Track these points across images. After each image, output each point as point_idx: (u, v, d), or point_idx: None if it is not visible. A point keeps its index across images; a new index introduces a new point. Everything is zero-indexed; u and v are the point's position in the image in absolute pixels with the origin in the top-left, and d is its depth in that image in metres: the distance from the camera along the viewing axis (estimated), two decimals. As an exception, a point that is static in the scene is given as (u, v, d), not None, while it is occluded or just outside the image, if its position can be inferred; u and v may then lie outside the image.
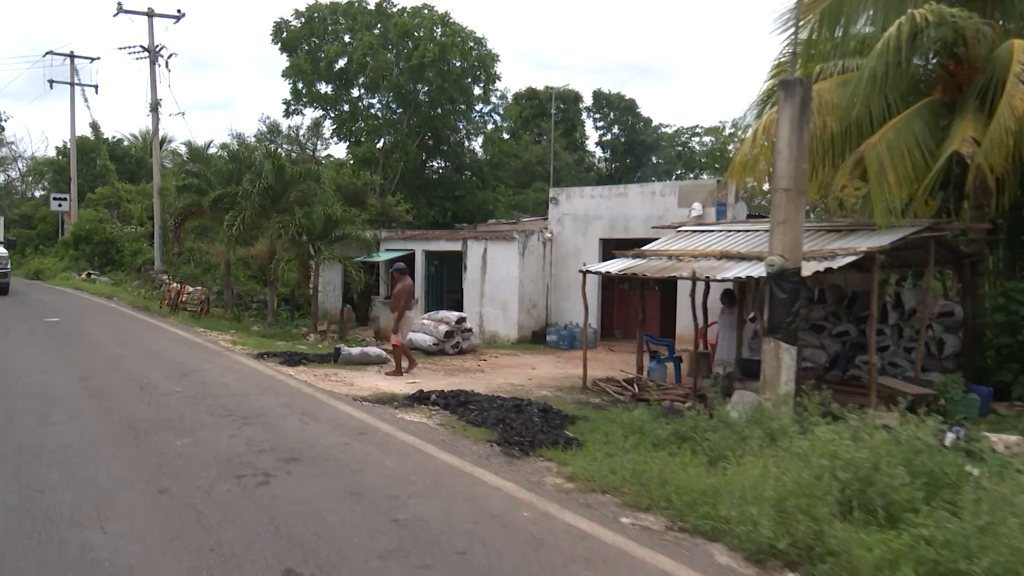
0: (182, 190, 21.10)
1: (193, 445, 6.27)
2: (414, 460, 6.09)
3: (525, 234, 16.66)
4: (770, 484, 4.71)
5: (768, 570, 4.15)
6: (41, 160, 42.84)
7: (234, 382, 9.49)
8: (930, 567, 3.81)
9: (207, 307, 19.09)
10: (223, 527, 4.44)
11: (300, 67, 34.75)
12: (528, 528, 4.61)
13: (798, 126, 7.72)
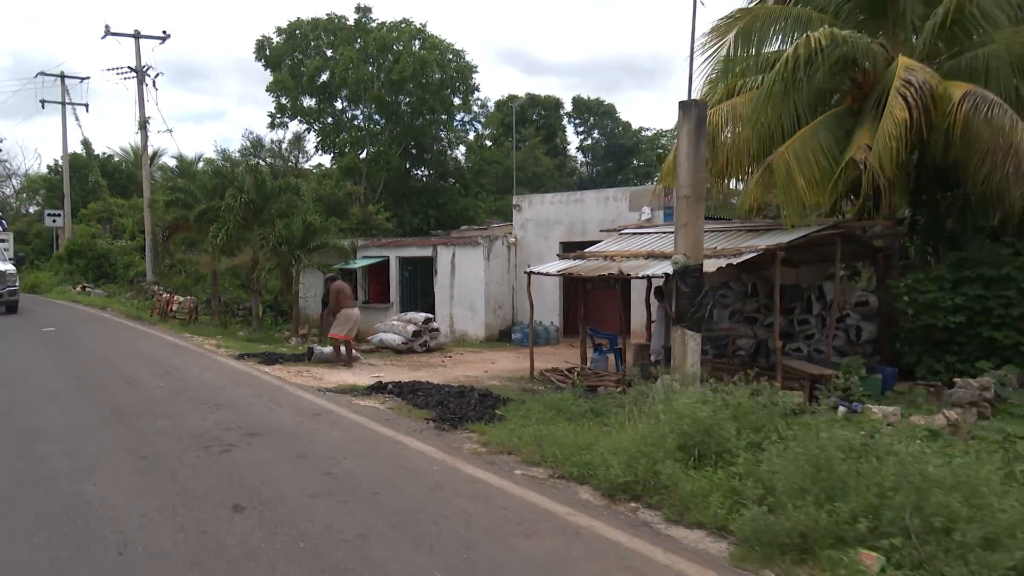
0: (169, 204, 22.23)
1: (171, 426, 7.41)
2: (356, 433, 7.25)
3: (490, 239, 17.83)
4: (630, 439, 5.86)
5: (617, 502, 5.29)
6: (35, 177, 43.97)
7: (212, 378, 10.64)
8: (733, 495, 4.94)
9: (196, 315, 20.21)
10: (189, 480, 5.58)
11: (283, 82, 35.85)
12: (434, 477, 5.76)
13: (695, 141, 8.88)
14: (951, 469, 4.57)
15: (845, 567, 4.09)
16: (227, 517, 4.79)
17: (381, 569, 4.02)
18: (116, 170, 39.65)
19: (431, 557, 4.20)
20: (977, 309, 10.55)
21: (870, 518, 4.38)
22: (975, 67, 11.16)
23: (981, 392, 9.60)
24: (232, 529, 4.57)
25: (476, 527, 4.68)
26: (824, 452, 4.71)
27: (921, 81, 9.82)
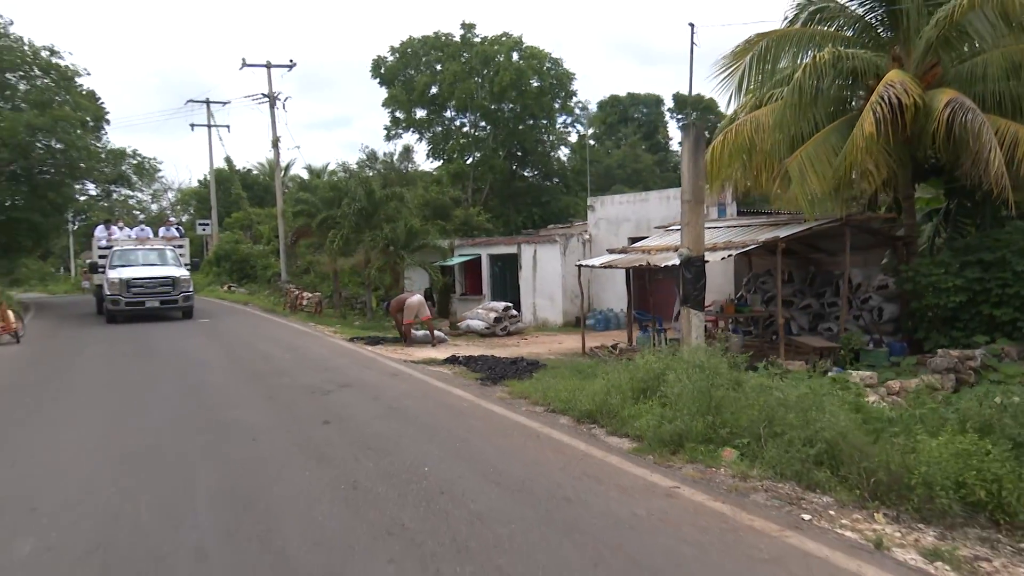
0: (296, 214, 25.80)
1: (290, 381, 10.25)
2: (418, 386, 9.83)
3: (566, 237, 20.13)
4: (602, 385, 8.08)
5: (581, 424, 7.56)
6: (187, 191, 49.78)
7: (325, 353, 13.57)
8: (664, 420, 7.07)
9: (321, 308, 23.58)
10: (298, 409, 8.31)
11: (397, 97, 39.34)
12: (461, 409, 8.23)
13: (694, 156, 10.88)
14: (798, 399, 6.56)
15: (703, 455, 6.21)
16: (319, 427, 7.43)
17: (402, 450, 6.50)
18: (255, 182, 44.56)
19: (435, 445, 6.66)
20: (977, 290, 11.95)
21: (732, 428, 6.47)
22: (974, 72, 12.46)
23: (964, 362, 11.12)
24: (320, 432, 7.21)
25: (473, 433, 7.12)
26: (707, 384, 6.81)
27: (895, 95, 11.28)
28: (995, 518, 5.09)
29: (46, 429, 7.77)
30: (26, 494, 5.47)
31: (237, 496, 5.28)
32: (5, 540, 4.55)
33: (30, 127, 24.70)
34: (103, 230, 24.91)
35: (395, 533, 4.46)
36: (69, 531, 4.67)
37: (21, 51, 26.60)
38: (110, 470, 6.09)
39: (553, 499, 5.07)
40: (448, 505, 4.95)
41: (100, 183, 30.79)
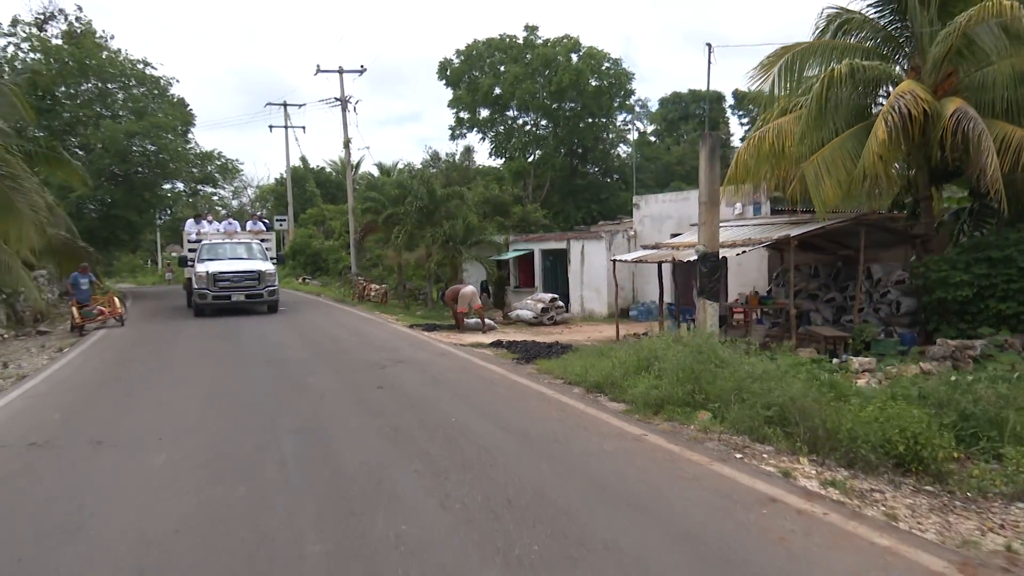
0: (364, 211, 27.80)
1: (353, 358, 12.00)
2: (461, 363, 11.44)
3: (611, 234, 21.47)
4: (610, 363, 9.51)
5: (589, 392, 9.01)
6: (265, 188, 52.79)
7: (385, 337, 15.36)
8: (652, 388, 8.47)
9: (386, 298, 25.51)
10: (357, 377, 10.02)
11: (461, 99, 41.15)
12: (492, 380, 9.79)
13: (710, 163, 12.16)
14: (763, 373, 7.87)
15: (679, 415, 7.60)
16: (374, 391, 9.12)
17: (437, 408, 8.09)
18: (327, 180, 47.09)
19: (464, 405, 8.25)
20: (984, 285, 12.87)
21: (708, 395, 7.84)
22: (985, 81, 13.34)
23: (963, 351, 12.12)
24: (374, 394, 8.88)
25: (498, 397, 8.68)
26: (691, 361, 8.19)
27: (905, 105, 12.31)
28: (910, 468, 6.34)
29: (162, 388, 9.71)
30: (154, 429, 7.29)
31: (307, 433, 6.98)
32: (145, 456, 6.33)
33: (128, 133, 27.37)
34: (193, 224, 25.39)
35: (420, 457, 6.05)
36: (187, 451, 6.43)
37: (120, 64, 29.36)
38: (214, 415, 7.90)
39: (545, 440, 6.59)
40: (464, 442, 6.51)
41: (188, 183, 33.49)
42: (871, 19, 15.12)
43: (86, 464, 6.18)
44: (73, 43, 29.30)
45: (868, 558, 4.04)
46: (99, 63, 28.61)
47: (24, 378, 11.28)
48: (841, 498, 5.30)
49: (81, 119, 28.89)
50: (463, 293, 17.43)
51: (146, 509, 5.00)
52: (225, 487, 5.42)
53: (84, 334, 17.51)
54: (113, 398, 9.27)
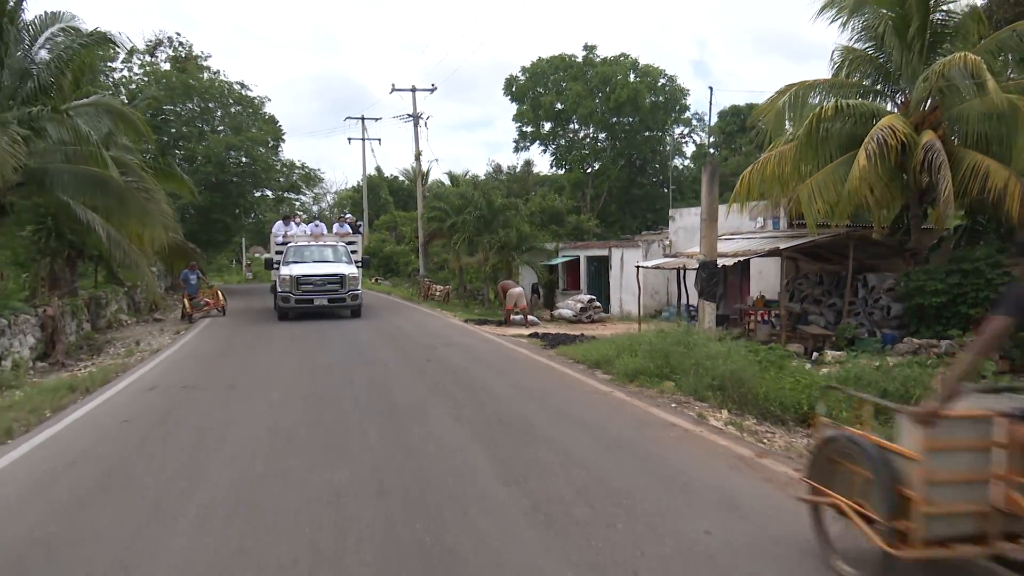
0: (430, 219, 30.87)
1: (413, 342, 14.91)
2: (498, 347, 14.18)
3: (647, 242, 23.90)
4: (613, 347, 12.06)
5: (591, 368, 11.60)
6: (343, 194, 56.76)
7: (441, 328, 18.26)
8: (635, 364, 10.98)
9: (448, 298, 28.48)
10: (414, 354, 12.89)
11: (525, 114, 43.96)
12: (518, 358, 12.50)
13: (710, 186, 14.58)
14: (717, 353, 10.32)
15: (649, 383, 10.12)
16: (424, 362, 11.97)
17: (469, 374, 10.82)
18: (400, 188, 50.59)
19: (491, 372, 10.99)
20: (957, 293, 14.90)
21: (674, 369, 10.33)
22: (962, 116, 15.35)
23: (928, 349, 14.22)
24: (425, 365, 11.72)
25: (518, 368, 11.40)
26: (663, 344, 10.70)
27: (883, 136, 14.44)
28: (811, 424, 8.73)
29: (266, 357, 12.82)
30: (267, 380, 10.34)
31: (373, 384, 9.86)
32: (265, 393, 9.34)
33: (228, 146, 31.18)
34: (281, 226, 25.13)
35: (449, 399, 8.83)
36: (292, 391, 9.39)
37: (219, 85, 33.27)
38: (307, 374, 10.88)
39: (540, 392, 9.27)
40: (482, 393, 9.26)
41: (276, 190, 37.29)
42: (873, 57, 17.20)
43: (226, 396, 9.20)
44: (178, 67, 33.37)
45: (705, 448, 6.57)
46: (201, 84, 32.56)
47: (158, 351, 14.54)
48: (734, 432, 7.76)
49: (185, 134, 32.88)
50: (511, 292, 20.19)
51: (270, 417, 7.93)
52: (319, 409, 8.32)
53: (193, 322, 20.93)
54: (232, 363, 12.40)
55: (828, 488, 4.15)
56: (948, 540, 3.71)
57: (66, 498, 5.37)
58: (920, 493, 3.62)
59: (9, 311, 13.77)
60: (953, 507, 3.70)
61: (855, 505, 3.92)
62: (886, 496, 3.71)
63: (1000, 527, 3.69)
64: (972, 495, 3.73)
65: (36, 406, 8.68)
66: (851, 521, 3.92)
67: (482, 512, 4.88)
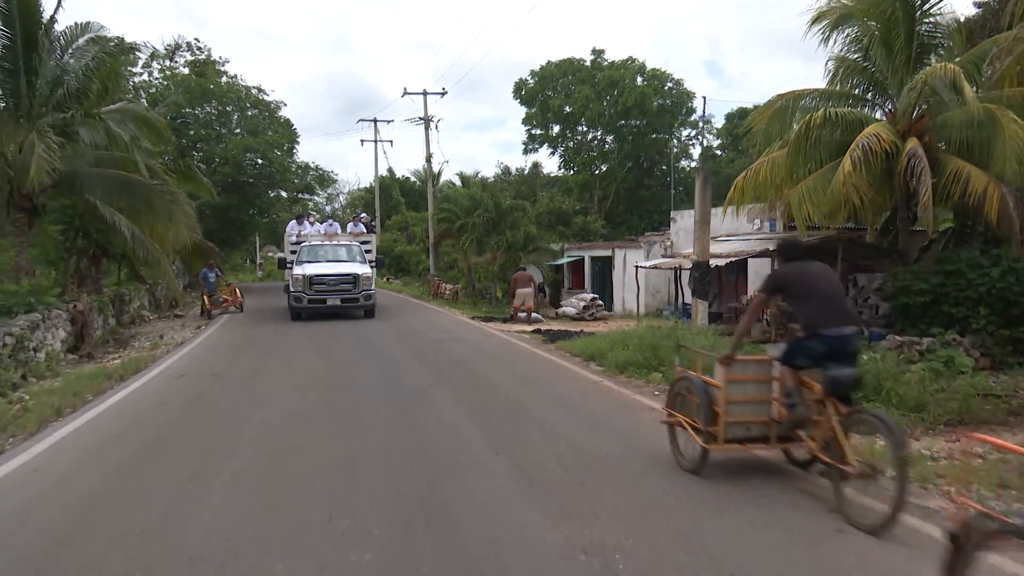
0: (440, 220, 31.77)
1: (421, 337, 15.78)
2: (500, 341, 15.04)
3: (649, 243, 24.68)
4: (607, 341, 12.88)
5: (585, 360, 12.44)
6: (355, 195, 57.78)
7: (448, 324, 19.14)
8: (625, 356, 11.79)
9: (457, 296, 29.36)
10: (422, 347, 13.77)
11: (533, 117, 44.78)
12: (518, 351, 13.35)
13: (703, 191, 15.38)
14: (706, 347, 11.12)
15: (637, 374, 10.93)
16: (431, 355, 12.83)
17: (472, 364, 11.68)
18: (411, 189, 51.55)
19: (491, 364, 11.85)
20: (940, 293, 15.61)
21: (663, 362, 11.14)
22: (946, 123, 16.05)
23: (911, 346, 14.95)
24: (432, 357, 12.60)
25: (517, 360, 12.26)
26: (651, 338, 11.50)
27: (868, 143, 15.17)
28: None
29: (284, 349, 13.75)
30: (286, 368, 11.24)
31: (383, 373, 10.74)
32: (285, 379, 10.24)
33: (245, 147, 32.20)
34: (295, 226, 24.88)
35: (451, 385, 9.70)
36: (310, 378, 10.30)
37: (237, 90, 34.30)
38: (323, 364, 11.80)
39: (535, 380, 10.13)
40: (481, 381, 10.13)
41: (290, 191, 38.31)
42: (864, 67, 17.92)
43: (250, 382, 10.13)
44: (197, 71, 34.42)
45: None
46: (219, 88, 33.59)
47: (182, 344, 15.48)
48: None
49: (203, 136, 33.93)
50: (519, 292, 21.05)
51: (291, 400, 8.83)
52: (334, 393, 9.23)
53: (212, 318, 21.89)
54: (252, 354, 13.32)
55: (677, 412, 6.10)
56: (743, 440, 5.72)
57: (117, 464, 6.26)
58: (723, 409, 5.56)
59: (43, 306, 14.68)
60: (744, 418, 5.68)
61: (690, 421, 5.83)
62: (704, 412, 5.62)
63: (777, 432, 5.64)
64: (757, 411, 5.73)
65: (78, 391, 9.60)
66: (688, 432, 5.84)
67: (474, 474, 5.74)
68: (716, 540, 4.38)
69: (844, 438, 4.94)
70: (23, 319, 12.85)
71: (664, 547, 4.27)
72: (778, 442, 5.74)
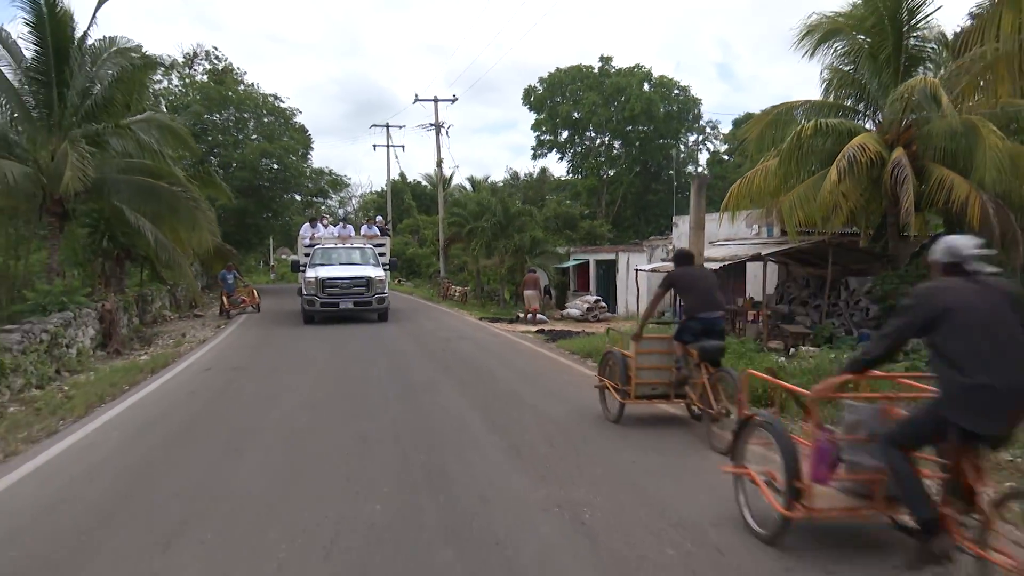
0: (450, 225, 32.70)
1: (431, 335, 16.68)
2: (505, 340, 15.92)
3: (651, 247, 25.50)
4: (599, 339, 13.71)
5: (582, 357, 13.28)
6: (368, 198, 58.84)
7: (456, 324, 20.04)
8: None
9: (466, 298, 30.25)
10: (431, 345, 14.66)
11: (542, 123, 45.67)
12: (520, 349, 14.23)
13: (698, 198, 16.16)
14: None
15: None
16: (439, 352, 13.73)
17: (475, 360, 12.55)
18: (422, 193, 52.55)
19: (493, 359, 12.72)
20: (925, 296, 16.44)
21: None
22: (930, 134, 16.79)
23: (894, 345, 15.77)
24: (439, 354, 13.49)
25: (517, 356, 13.13)
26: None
27: (854, 153, 15.93)
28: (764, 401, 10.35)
29: (301, 346, 14.70)
30: (304, 363, 12.19)
31: (394, 367, 11.65)
32: (303, 373, 11.16)
33: (262, 152, 33.26)
34: (308, 228, 24.83)
35: (456, 378, 10.59)
36: (326, 371, 11.24)
37: (254, 97, 35.39)
38: (338, 360, 12.71)
39: (532, 374, 11.00)
40: (484, 374, 11.01)
41: (305, 195, 39.36)
42: (856, 78, 18.67)
43: (271, 374, 11.05)
44: (215, 79, 35.53)
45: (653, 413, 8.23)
46: (237, 96, 34.69)
47: (204, 342, 16.43)
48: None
49: (221, 142, 35.01)
50: (526, 295, 21.93)
51: (309, 389, 9.76)
52: (348, 385, 10.14)
53: (230, 317, 22.85)
54: (271, 351, 14.26)
55: (605, 377, 8.13)
56: (649, 397, 7.73)
57: (161, 440, 7.17)
58: (634, 373, 7.51)
59: (75, 305, 15.65)
60: (650, 380, 7.64)
61: (613, 384, 7.83)
62: (621, 375, 7.63)
63: (674, 390, 7.58)
64: (660, 375, 7.66)
65: (114, 382, 10.53)
66: (612, 393, 7.81)
67: (470, 449, 6.61)
68: (669, 497, 5.24)
69: (711, 390, 6.85)
70: (57, 317, 13.75)
71: (624, 503, 5.12)
72: (676, 398, 7.69)
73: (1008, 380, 3.50)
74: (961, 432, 3.59)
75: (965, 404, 3.56)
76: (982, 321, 3.62)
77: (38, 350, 11.84)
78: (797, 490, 4.12)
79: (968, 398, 3.54)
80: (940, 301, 3.71)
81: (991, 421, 3.55)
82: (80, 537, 4.53)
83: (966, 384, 3.54)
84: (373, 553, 4.21)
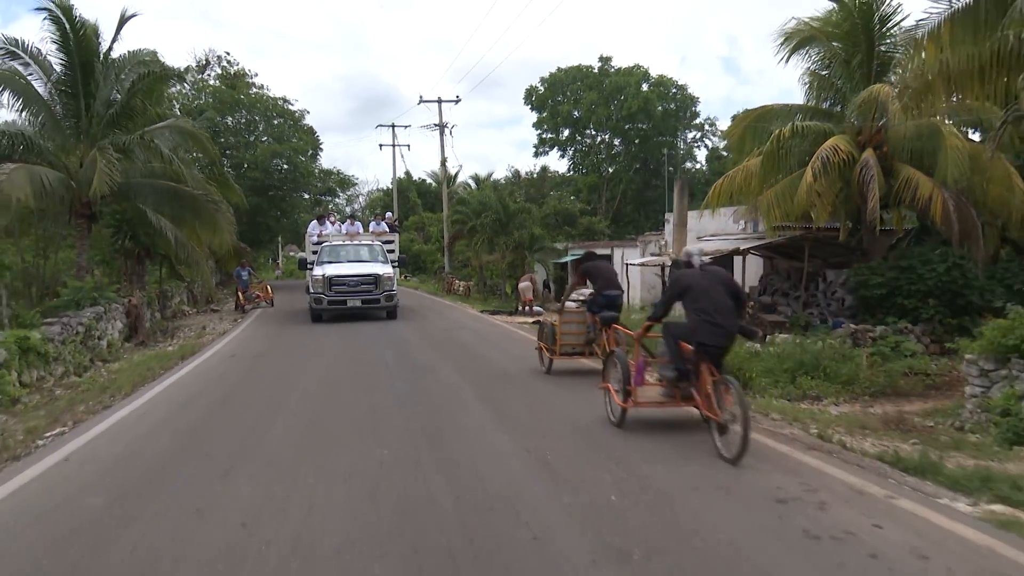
0: (454, 222, 34.00)
1: (433, 325, 18.02)
2: (502, 329, 17.25)
3: (644, 242, 26.75)
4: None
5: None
6: (374, 196, 60.19)
7: (458, 316, 21.39)
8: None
9: (469, 292, 31.55)
10: (433, 334, 15.98)
11: (544, 121, 46.89)
12: (515, 338, 15.56)
13: (680, 198, 17.43)
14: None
15: (611, 353, 13.04)
16: (440, 341, 15.06)
17: (472, 347, 13.86)
18: (427, 191, 53.84)
19: (488, 346, 14.03)
20: (895, 286, 17.52)
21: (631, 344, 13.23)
22: (899, 135, 17.94)
23: (865, 333, 16.89)
24: (440, 342, 14.81)
25: (511, 344, 14.44)
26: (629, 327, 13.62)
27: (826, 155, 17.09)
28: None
29: (314, 336, 16.06)
30: (319, 350, 13.51)
31: (400, 354, 12.99)
32: (319, 358, 12.49)
33: (273, 153, 34.64)
34: (316, 226, 24.51)
35: (455, 361, 11.91)
36: (339, 357, 12.58)
37: (265, 100, 36.74)
38: (350, 348, 14.06)
39: (523, 358, 12.31)
40: (479, 358, 12.34)
41: (313, 194, 40.74)
42: (834, 81, 19.82)
43: (289, 360, 12.41)
44: (227, 83, 36.89)
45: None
46: (249, 99, 36.05)
47: (224, 333, 17.78)
48: (660, 384, 10.69)
49: (233, 144, 36.38)
50: (521, 288, 23.23)
51: (325, 371, 11.14)
52: (359, 367, 11.51)
53: (245, 312, 24.20)
54: (287, 340, 15.63)
55: (541, 341, 11.13)
56: (570, 353, 10.82)
57: (202, 410, 8.51)
58: (559, 336, 10.60)
59: (105, 300, 16.98)
60: (570, 341, 10.71)
61: (546, 346, 10.84)
62: (549, 338, 10.78)
63: (588, 349, 10.71)
64: (577, 337, 10.76)
65: (149, 367, 11.87)
66: (545, 352, 10.84)
67: (463, 414, 7.94)
68: (615, 446, 6.54)
69: (606, 344, 9.68)
70: (89, 311, 15.04)
71: (581, 449, 6.43)
72: (588, 354, 10.78)
73: (722, 320, 6.38)
74: (700, 345, 6.47)
75: (701, 330, 6.44)
76: (705, 290, 6.56)
77: (75, 341, 13.14)
78: (627, 391, 7.00)
79: (702, 327, 6.43)
80: (685, 282, 6.83)
81: (716, 338, 6.42)
82: (156, 472, 5.88)
83: (701, 320, 6.42)
84: (380, 480, 5.53)
